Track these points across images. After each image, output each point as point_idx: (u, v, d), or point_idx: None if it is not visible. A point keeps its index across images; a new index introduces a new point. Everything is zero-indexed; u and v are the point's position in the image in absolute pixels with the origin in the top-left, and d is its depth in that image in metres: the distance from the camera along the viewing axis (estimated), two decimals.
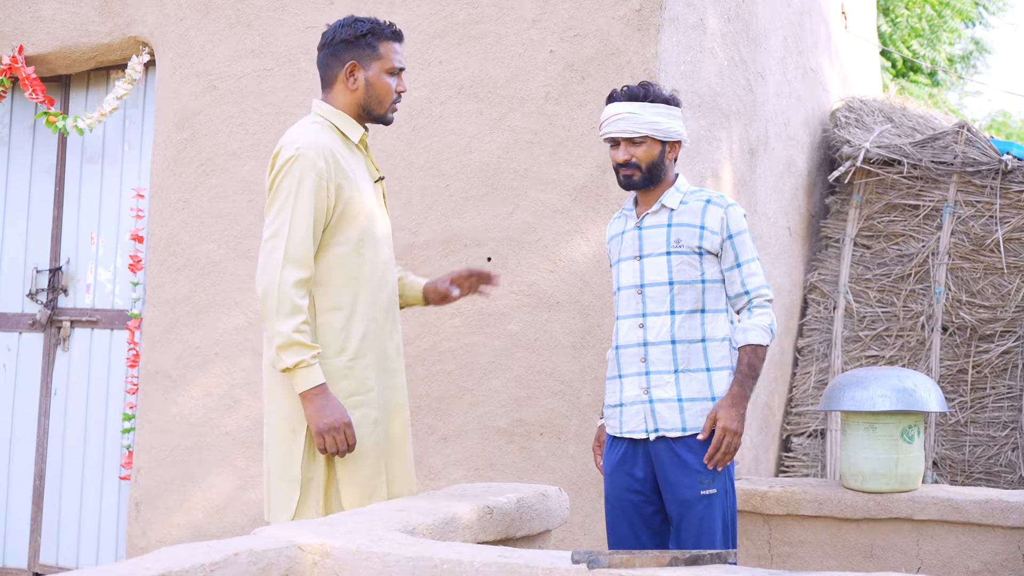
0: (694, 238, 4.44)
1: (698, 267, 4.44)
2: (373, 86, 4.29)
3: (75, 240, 6.98)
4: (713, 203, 4.48)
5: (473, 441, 5.65)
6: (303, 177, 4.08)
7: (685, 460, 4.39)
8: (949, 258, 7.22)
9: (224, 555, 2.83)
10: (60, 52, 6.82)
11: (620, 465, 4.54)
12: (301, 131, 4.22)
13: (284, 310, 4.00)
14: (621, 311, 4.56)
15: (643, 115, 4.44)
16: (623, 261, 4.57)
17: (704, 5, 5.92)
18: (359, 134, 4.31)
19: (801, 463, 7.16)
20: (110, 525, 6.77)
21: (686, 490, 4.39)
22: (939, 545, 5.32)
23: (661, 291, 4.45)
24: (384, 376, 4.27)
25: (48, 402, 6.93)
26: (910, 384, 5.33)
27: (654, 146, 4.47)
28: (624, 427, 4.52)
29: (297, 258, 4.04)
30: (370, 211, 4.24)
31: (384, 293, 4.29)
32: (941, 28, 16.16)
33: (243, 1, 6.21)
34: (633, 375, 4.50)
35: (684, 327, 4.44)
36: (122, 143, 6.92)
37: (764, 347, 4.43)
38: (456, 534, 3.70)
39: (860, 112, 8.09)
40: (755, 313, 4.46)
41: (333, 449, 4.02)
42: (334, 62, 4.31)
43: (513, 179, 5.64)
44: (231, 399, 6.08)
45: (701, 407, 4.41)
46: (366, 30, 4.27)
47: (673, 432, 4.41)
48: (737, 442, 4.34)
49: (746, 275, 4.47)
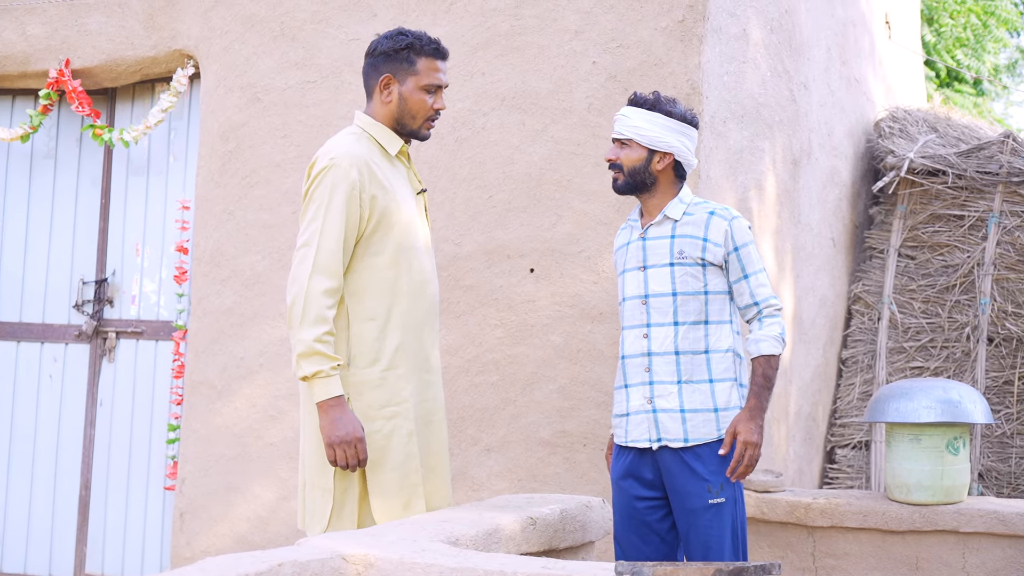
0: (697, 250, 4.45)
1: (701, 279, 4.46)
2: (406, 101, 4.30)
3: (121, 252, 7.03)
4: (717, 215, 4.49)
5: (516, 452, 5.65)
6: (335, 187, 4.09)
7: (693, 469, 4.40)
8: (995, 268, 7.18)
9: (269, 565, 2.85)
10: (106, 65, 6.87)
11: (627, 473, 4.56)
12: (337, 142, 4.24)
13: (309, 319, 4.01)
14: (626, 321, 4.59)
15: (632, 119, 4.50)
16: (628, 271, 4.59)
17: (747, 16, 5.91)
18: (398, 146, 4.32)
19: (845, 475, 7.13)
20: (155, 535, 6.80)
21: (694, 499, 4.39)
22: (985, 558, 5.28)
23: (665, 302, 4.47)
24: (422, 388, 4.27)
25: (94, 412, 6.97)
26: (955, 395, 5.30)
27: (639, 151, 4.50)
28: (629, 436, 4.54)
29: (326, 268, 4.05)
30: (408, 222, 4.24)
31: (422, 304, 4.29)
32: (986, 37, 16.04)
33: (287, 14, 6.24)
34: (638, 385, 4.52)
35: (688, 338, 4.45)
36: (167, 155, 6.97)
37: (777, 357, 4.45)
38: (499, 545, 3.70)
39: (904, 122, 8.06)
40: (765, 323, 4.48)
41: (343, 463, 4.02)
42: (373, 73, 4.33)
43: (556, 190, 5.64)
44: (275, 410, 6.10)
45: (703, 418, 4.42)
46: (405, 44, 4.28)
47: (676, 442, 4.42)
48: (757, 454, 4.35)
49: (754, 286, 4.48)
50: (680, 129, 4.51)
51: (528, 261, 5.67)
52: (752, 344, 4.46)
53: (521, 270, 5.67)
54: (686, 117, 4.53)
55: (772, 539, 5.55)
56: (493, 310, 5.70)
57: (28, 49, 6.97)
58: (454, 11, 5.88)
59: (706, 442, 4.41)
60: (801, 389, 6.78)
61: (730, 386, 4.46)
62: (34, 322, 7.15)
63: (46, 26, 6.93)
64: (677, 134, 4.50)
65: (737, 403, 4.48)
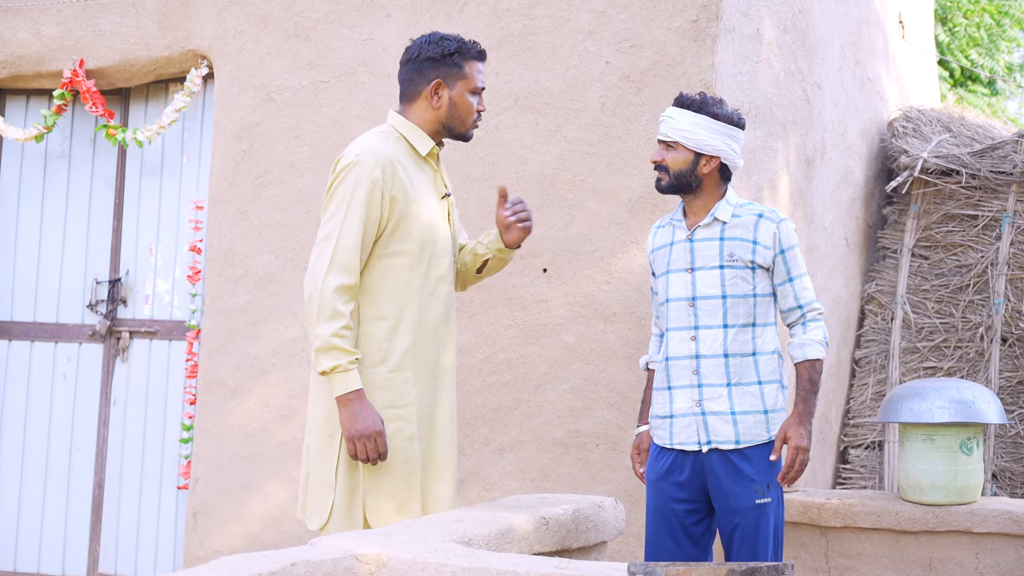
0: (747, 252, 4.44)
1: (750, 281, 4.45)
2: (457, 105, 4.30)
3: (134, 251, 7.04)
4: (765, 217, 4.48)
5: (529, 452, 5.65)
6: (357, 184, 4.09)
7: (741, 469, 4.40)
8: (1008, 268, 7.16)
9: (282, 565, 2.85)
10: (120, 65, 6.88)
11: (667, 475, 4.55)
12: (365, 140, 4.25)
13: (325, 314, 4.02)
14: (672, 323, 4.56)
15: (678, 121, 4.48)
16: (673, 273, 4.57)
17: (761, 15, 5.90)
18: (428, 147, 4.31)
19: (859, 475, 7.11)
20: (168, 535, 6.81)
21: (741, 499, 4.40)
22: (998, 558, 5.27)
23: (714, 304, 4.46)
24: (430, 392, 4.26)
25: (107, 412, 6.99)
26: (969, 396, 5.29)
27: (685, 154, 4.48)
28: (675, 439, 4.52)
29: (343, 264, 4.06)
30: (429, 224, 4.24)
31: (436, 308, 4.28)
32: (1000, 37, 16.00)
33: (300, 14, 6.25)
34: (684, 387, 4.50)
35: (737, 341, 4.45)
36: (181, 155, 6.98)
37: (822, 361, 4.46)
38: (512, 545, 3.70)
39: (918, 122, 8.04)
40: (809, 328, 4.48)
41: (363, 456, 4.03)
42: (418, 78, 4.31)
43: (569, 190, 5.64)
44: (288, 409, 6.10)
45: (754, 419, 4.42)
46: (453, 49, 4.27)
47: (727, 444, 4.42)
48: (807, 458, 4.37)
49: (799, 289, 4.48)
50: (726, 131, 4.49)
51: (541, 261, 5.66)
52: (797, 349, 4.47)
53: (534, 270, 5.67)
54: (732, 119, 4.51)
55: (785, 539, 5.54)
56: (506, 310, 5.70)
57: (42, 49, 6.99)
58: (467, 11, 5.88)
59: (756, 444, 4.43)
60: None
61: (776, 388, 4.49)
62: (48, 322, 7.17)
63: (60, 26, 6.94)
64: (724, 136, 4.48)
65: (782, 404, 4.50)
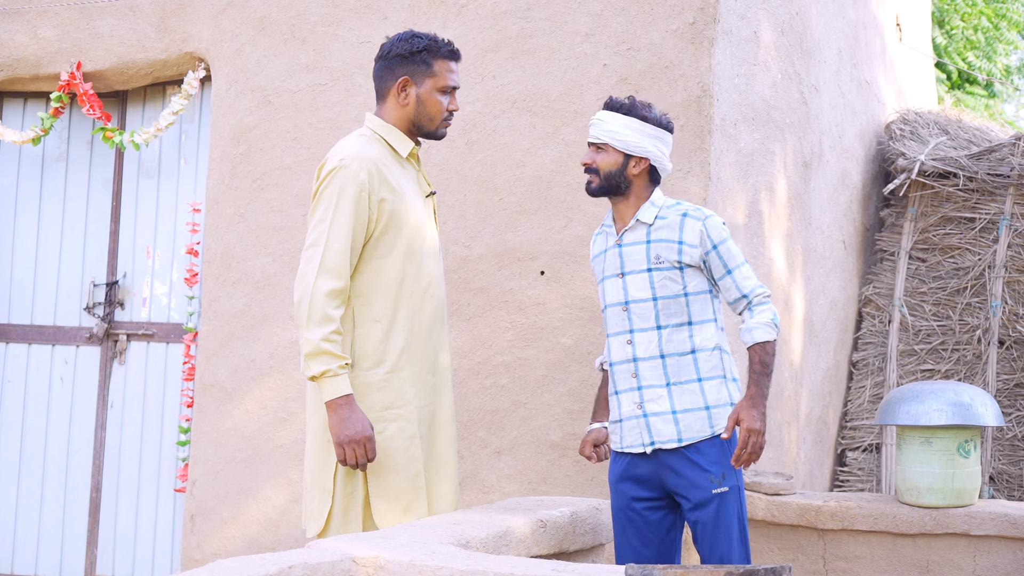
0: (673, 253, 4.46)
1: (680, 281, 4.47)
2: (424, 103, 4.31)
3: (132, 254, 7.04)
4: (690, 216, 4.50)
5: (527, 455, 5.65)
6: (344, 189, 4.10)
7: (695, 462, 4.43)
8: (1006, 271, 7.17)
9: (279, 568, 2.85)
10: (117, 68, 6.87)
11: (624, 477, 4.58)
12: (347, 144, 4.25)
13: (315, 318, 4.03)
14: (610, 328, 4.61)
15: (608, 123, 4.52)
16: (607, 279, 4.61)
17: (758, 18, 5.90)
18: (408, 148, 4.33)
19: (856, 477, 7.12)
20: (165, 537, 6.81)
21: (698, 491, 4.42)
22: (996, 561, 5.27)
23: (646, 307, 4.48)
24: (428, 391, 4.27)
25: (105, 415, 6.98)
26: (966, 398, 5.29)
27: (615, 156, 4.51)
28: (623, 442, 4.57)
29: (332, 268, 4.07)
30: (416, 224, 4.26)
31: (429, 307, 4.30)
32: (997, 40, 16.01)
33: (298, 17, 6.25)
34: (627, 391, 4.54)
35: (672, 341, 4.47)
36: (178, 158, 6.98)
37: (772, 342, 4.45)
38: (510, 548, 3.71)
39: (915, 124, 8.05)
40: (756, 311, 4.48)
41: (352, 461, 4.04)
42: (388, 75, 4.33)
43: (566, 192, 5.64)
44: (285, 412, 6.10)
45: (695, 417, 4.44)
46: (422, 47, 4.29)
47: (669, 444, 4.45)
48: (762, 441, 4.34)
49: (739, 280, 4.49)
50: (655, 134, 4.53)
51: (538, 263, 5.67)
52: (745, 333, 4.47)
53: (531, 272, 5.67)
54: (661, 122, 4.55)
55: (782, 542, 5.55)
56: (503, 312, 5.71)
57: (40, 52, 6.98)
58: (465, 14, 5.89)
59: (700, 439, 4.43)
60: (811, 392, 6.78)
61: (719, 383, 4.49)
62: (45, 324, 7.16)
63: (58, 29, 6.94)
64: (652, 139, 4.52)
65: (728, 399, 4.49)
